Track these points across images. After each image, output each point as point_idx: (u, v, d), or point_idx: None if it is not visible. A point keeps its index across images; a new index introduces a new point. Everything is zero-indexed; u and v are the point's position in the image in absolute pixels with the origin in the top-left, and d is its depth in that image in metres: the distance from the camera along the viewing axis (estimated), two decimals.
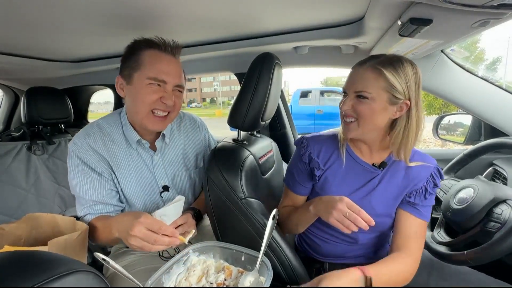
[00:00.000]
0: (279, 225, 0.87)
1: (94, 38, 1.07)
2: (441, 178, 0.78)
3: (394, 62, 0.70)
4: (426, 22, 0.63)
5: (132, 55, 0.81)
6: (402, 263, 0.71)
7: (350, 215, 0.64)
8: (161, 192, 0.92)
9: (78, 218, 0.93)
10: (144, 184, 0.90)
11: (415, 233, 0.75)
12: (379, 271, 0.66)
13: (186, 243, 0.68)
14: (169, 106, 0.81)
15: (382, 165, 0.79)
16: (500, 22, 0.62)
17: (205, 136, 1.07)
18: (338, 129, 0.87)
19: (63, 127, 1.70)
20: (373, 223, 0.63)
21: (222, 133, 1.12)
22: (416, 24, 0.63)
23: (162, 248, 0.64)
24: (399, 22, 0.68)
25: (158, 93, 0.80)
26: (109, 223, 0.74)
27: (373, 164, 0.81)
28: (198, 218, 0.91)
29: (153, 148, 0.92)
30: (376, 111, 0.71)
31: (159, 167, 0.92)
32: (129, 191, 0.88)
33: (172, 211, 0.80)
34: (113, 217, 0.75)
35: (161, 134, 0.92)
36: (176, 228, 0.78)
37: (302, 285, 0.66)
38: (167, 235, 0.64)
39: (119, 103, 1.95)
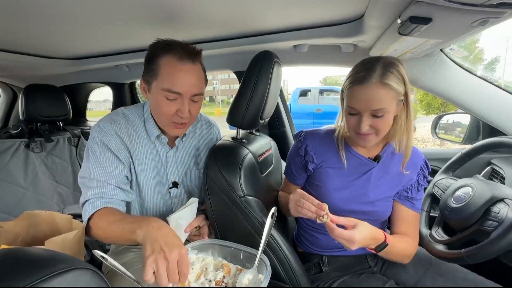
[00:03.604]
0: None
1: (93, 35, 1.07)
2: (428, 170, 0.86)
3: (392, 68, 0.71)
4: (426, 20, 0.63)
5: (151, 61, 0.80)
6: (409, 242, 0.83)
7: (303, 203, 0.73)
8: (170, 188, 0.93)
9: (75, 217, 0.93)
10: (157, 178, 0.91)
11: (412, 223, 0.86)
12: (395, 241, 0.78)
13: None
14: (185, 118, 0.81)
15: (377, 158, 0.85)
16: (500, 21, 0.62)
17: (217, 138, 1.09)
18: (335, 125, 0.90)
19: (61, 124, 1.69)
20: (323, 207, 0.71)
21: (222, 131, 1.12)
22: (415, 23, 0.63)
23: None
24: (399, 21, 0.68)
25: (174, 106, 0.79)
26: (132, 218, 0.70)
27: (369, 158, 0.86)
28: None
29: (170, 144, 0.93)
30: (390, 120, 0.76)
31: (171, 163, 0.93)
32: (144, 182, 0.89)
33: (188, 214, 0.80)
34: (139, 216, 0.71)
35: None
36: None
37: (341, 218, 0.72)
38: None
39: (117, 101, 1.94)
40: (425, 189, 1.00)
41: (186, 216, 0.79)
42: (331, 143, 0.88)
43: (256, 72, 0.86)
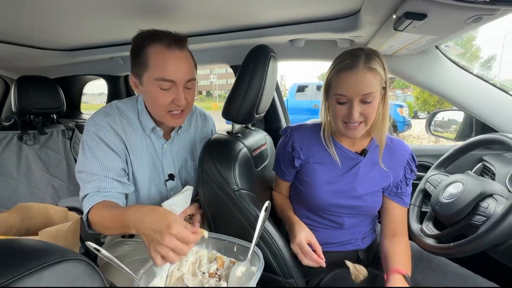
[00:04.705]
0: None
1: (87, 25, 1.05)
2: (415, 163, 0.87)
3: (374, 55, 0.73)
4: (421, 16, 0.63)
5: (138, 53, 0.78)
6: (405, 243, 0.86)
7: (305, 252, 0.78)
8: (166, 181, 0.94)
9: (70, 209, 0.93)
10: (152, 171, 0.91)
11: (403, 219, 0.89)
12: (402, 262, 0.80)
13: (206, 237, 0.67)
14: (182, 106, 0.81)
15: (364, 152, 0.86)
16: (493, 19, 0.62)
17: (212, 131, 1.09)
18: (320, 119, 0.89)
19: (55, 117, 1.67)
20: (322, 263, 0.77)
21: (218, 126, 1.13)
22: (411, 19, 0.63)
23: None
24: (394, 16, 0.68)
25: (169, 95, 0.79)
26: (122, 213, 0.68)
27: (355, 152, 0.86)
28: None
29: (166, 136, 0.93)
30: (376, 107, 0.76)
31: (167, 156, 0.93)
32: (139, 175, 0.89)
33: (182, 201, 0.81)
34: (128, 208, 0.68)
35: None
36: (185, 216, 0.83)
37: None
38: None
39: (112, 94, 1.92)
40: (417, 184, 1.02)
41: (180, 202, 0.80)
42: (318, 137, 0.87)
43: (252, 66, 0.86)
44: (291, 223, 0.86)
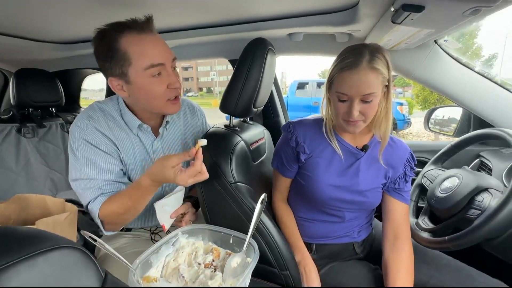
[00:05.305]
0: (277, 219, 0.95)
1: (86, 18, 1.04)
2: (414, 161, 0.87)
3: (378, 53, 0.72)
4: (418, 8, 0.62)
5: (112, 50, 0.72)
6: (407, 248, 0.82)
7: None
8: None
9: (68, 201, 0.93)
10: (145, 169, 0.89)
11: (404, 217, 0.86)
12: (402, 274, 0.77)
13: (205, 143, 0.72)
14: (178, 88, 0.79)
15: (365, 147, 0.85)
16: (492, 11, 0.62)
17: (203, 122, 1.06)
18: (321, 114, 0.89)
19: (54, 110, 1.67)
20: None
21: (219, 122, 1.12)
22: (408, 11, 0.63)
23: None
24: (392, 9, 0.68)
25: (163, 81, 0.76)
26: (135, 187, 0.75)
27: (356, 147, 0.86)
28: (196, 206, 0.92)
29: (154, 133, 0.91)
30: (376, 106, 0.75)
31: (159, 153, 0.91)
32: (133, 174, 0.88)
33: (173, 201, 0.82)
34: (137, 181, 0.74)
35: (165, 120, 0.90)
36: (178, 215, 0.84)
37: None
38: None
39: (111, 88, 1.91)
40: (414, 180, 1.02)
41: (171, 203, 0.82)
42: (320, 132, 0.87)
43: (250, 59, 0.85)
44: (307, 265, 0.85)
